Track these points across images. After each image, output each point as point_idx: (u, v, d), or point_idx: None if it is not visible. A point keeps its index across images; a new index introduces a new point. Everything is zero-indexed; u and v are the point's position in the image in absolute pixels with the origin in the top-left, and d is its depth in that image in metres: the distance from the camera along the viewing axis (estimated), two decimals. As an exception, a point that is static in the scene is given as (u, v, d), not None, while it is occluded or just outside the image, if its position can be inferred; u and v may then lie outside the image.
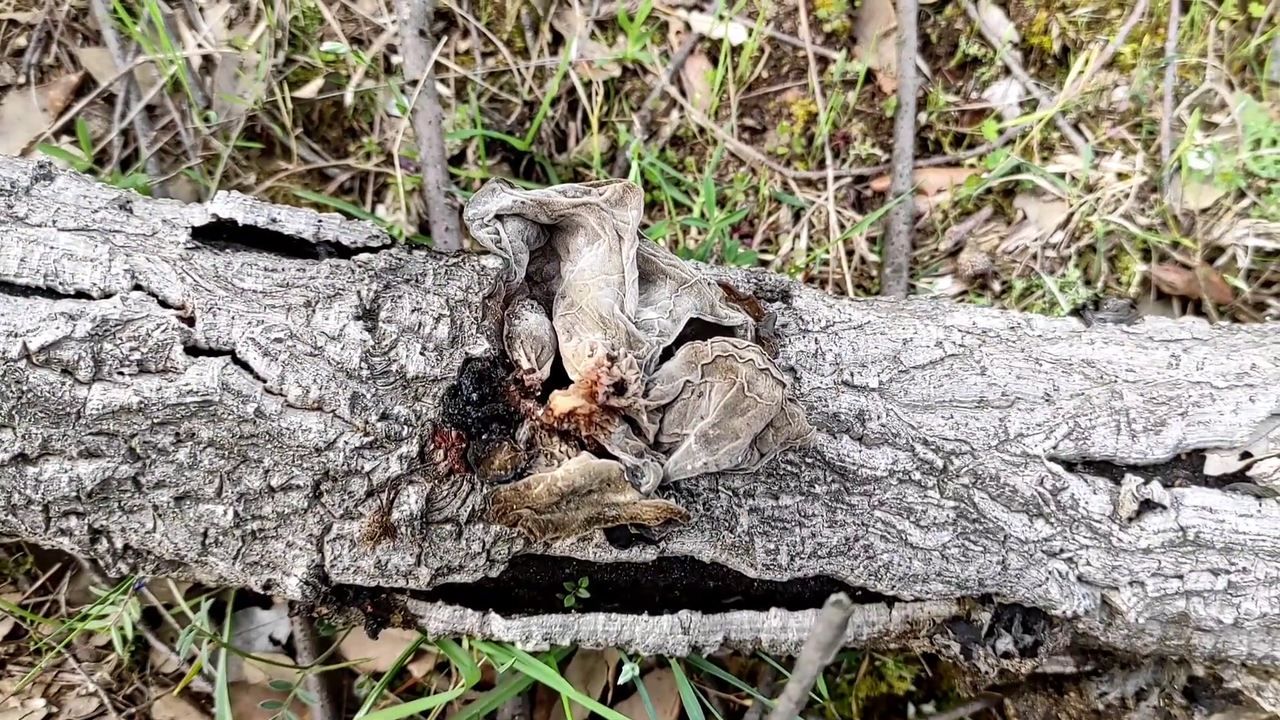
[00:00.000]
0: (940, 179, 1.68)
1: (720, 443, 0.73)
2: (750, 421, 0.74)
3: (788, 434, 0.77)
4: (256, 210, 0.90)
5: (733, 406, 0.73)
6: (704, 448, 0.72)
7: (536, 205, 0.77)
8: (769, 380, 0.75)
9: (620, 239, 0.77)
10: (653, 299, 0.80)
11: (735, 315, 0.82)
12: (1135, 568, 0.93)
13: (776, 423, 0.76)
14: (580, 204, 0.77)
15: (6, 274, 0.83)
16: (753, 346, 0.76)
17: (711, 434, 0.72)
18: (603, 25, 1.76)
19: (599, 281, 0.76)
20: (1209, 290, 1.57)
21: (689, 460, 0.71)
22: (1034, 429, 0.92)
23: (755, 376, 0.74)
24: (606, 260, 0.77)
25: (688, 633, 0.93)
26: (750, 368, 0.74)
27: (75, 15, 1.68)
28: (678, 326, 0.79)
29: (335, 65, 1.68)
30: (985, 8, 1.73)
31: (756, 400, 0.74)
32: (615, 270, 0.77)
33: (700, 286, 0.80)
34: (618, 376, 0.73)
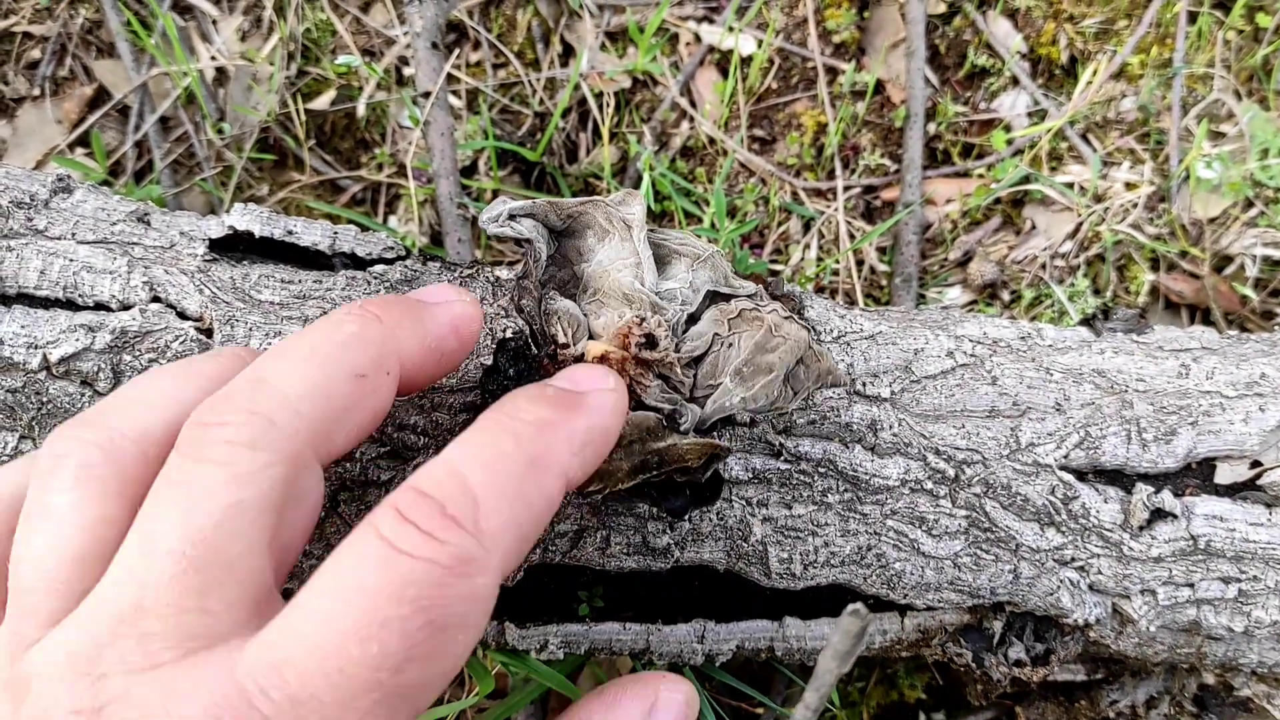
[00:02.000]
0: (949, 189, 1.69)
1: (755, 378, 0.74)
2: (781, 355, 0.75)
3: (818, 370, 0.78)
4: (273, 222, 0.91)
5: (762, 345, 0.75)
6: (739, 384, 0.73)
7: (548, 205, 0.78)
8: (794, 324, 0.76)
9: (630, 228, 0.79)
10: (671, 273, 0.81)
11: (748, 285, 0.83)
12: (1146, 576, 0.93)
13: (806, 359, 0.77)
14: (587, 201, 0.79)
15: (27, 286, 0.84)
16: (774, 308, 0.78)
17: (745, 371, 0.73)
18: (613, 37, 1.77)
19: (617, 266, 0.77)
20: (1217, 299, 1.58)
21: (725, 398, 0.72)
22: (1045, 438, 0.92)
23: (780, 321, 0.76)
24: (620, 248, 0.78)
25: (703, 641, 0.94)
26: (775, 315, 0.76)
27: (89, 28, 1.69)
28: (698, 296, 0.79)
29: (348, 77, 1.69)
30: (993, 19, 1.73)
31: (784, 339, 0.75)
32: (630, 254, 0.78)
33: (714, 259, 0.81)
34: (648, 329, 0.74)
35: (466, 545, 0.50)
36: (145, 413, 0.60)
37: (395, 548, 0.48)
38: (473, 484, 0.53)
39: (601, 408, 0.64)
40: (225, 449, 0.53)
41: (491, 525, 0.51)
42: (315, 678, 0.45)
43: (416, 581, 0.47)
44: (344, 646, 0.46)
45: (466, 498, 0.52)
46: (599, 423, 0.63)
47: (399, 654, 0.46)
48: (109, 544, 0.54)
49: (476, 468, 0.54)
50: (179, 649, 0.47)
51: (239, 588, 0.50)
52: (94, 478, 0.56)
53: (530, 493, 0.55)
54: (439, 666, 0.48)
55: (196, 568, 0.49)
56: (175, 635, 0.48)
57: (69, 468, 0.56)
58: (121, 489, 0.56)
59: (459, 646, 0.49)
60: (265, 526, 0.52)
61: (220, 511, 0.51)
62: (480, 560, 0.50)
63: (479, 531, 0.51)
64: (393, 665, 0.46)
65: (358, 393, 0.60)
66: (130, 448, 0.58)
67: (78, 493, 0.56)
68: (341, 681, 0.45)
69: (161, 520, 0.52)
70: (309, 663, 0.46)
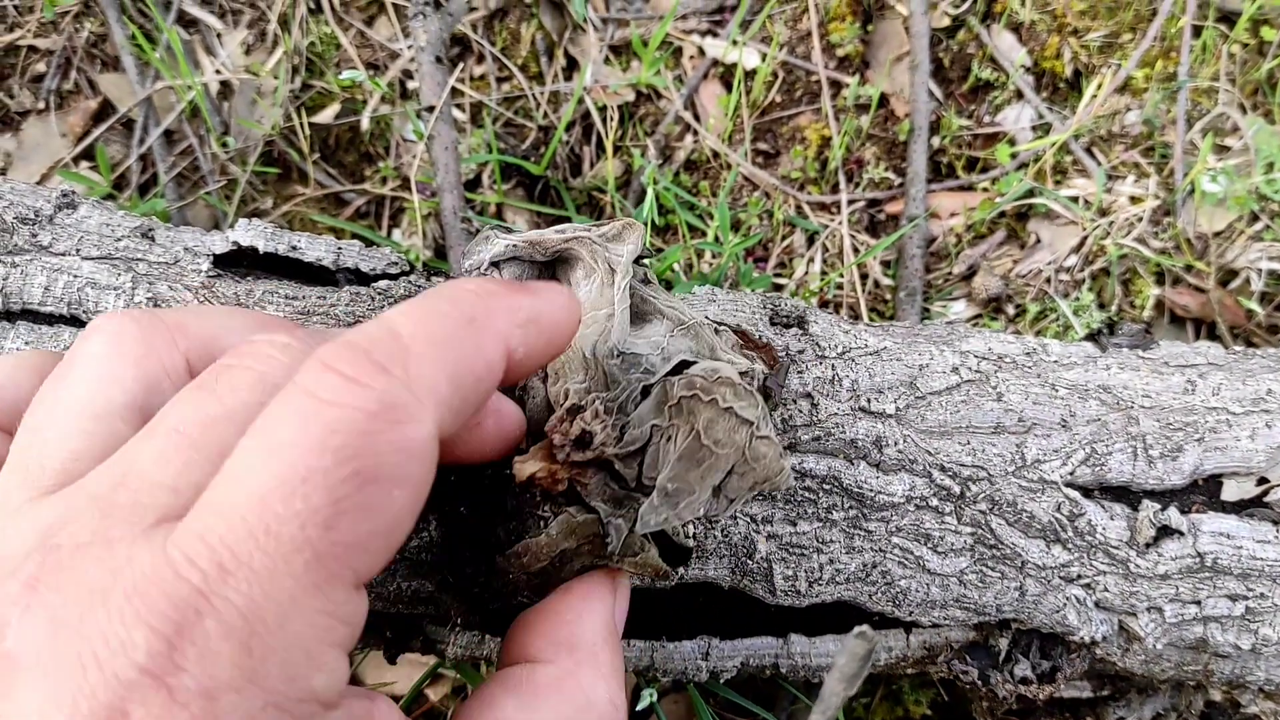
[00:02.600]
0: (954, 202, 1.69)
1: (679, 496, 0.67)
2: (705, 473, 0.68)
3: (753, 479, 0.71)
4: (277, 238, 0.91)
5: (689, 456, 0.68)
6: (664, 501, 0.67)
7: (530, 245, 0.75)
8: (730, 422, 0.69)
9: (613, 272, 0.75)
10: (646, 333, 0.77)
11: (740, 362, 0.77)
12: (1153, 593, 0.93)
13: (738, 469, 0.70)
14: (572, 239, 0.75)
15: (31, 303, 0.84)
16: (725, 380, 0.70)
17: (669, 488, 0.67)
18: (616, 50, 1.77)
19: (589, 318, 0.74)
20: (1223, 313, 1.57)
21: (652, 514, 0.66)
22: (1051, 455, 0.92)
23: (715, 420, 0.68)
24: (599, 295, 0.74)
25: (707, 658, 0.93)
26: (712, 409, 0.68)
27: (94, 41, 1.70)
28: (667, 365, 0.74)
29: (352, 90, 1.69)
30: (998, 32, 1.74)
31: (712, 450, 0.68)
32: (606, 304, 0.74)
33: (699, 330, 0.77)
34: (579, 430, 0.70)
35: (394, 390, 0.47)
36: (194, 317, 0.60)
37: (317, 397, 0.46)
38: (403, 334, 0.50)
39: (551, 299, 0.62)
40: (264, 357, 0.52)
41: (423, 372, 0.49)
42: (243, 542, 0.43)
43: (340, 430, 0.45)
44: (268, 505, 0.43)
45: (395, 344, 0.49)
46: (546, 309, 0.60)
47: (326, 508, 0.44)
48: (119, 411, 0.53)
49: (408, 321, 0.51)
50: (134, 525, 0.45)
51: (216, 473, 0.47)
52: (122, 346, 0.55)
53: (467, 347, 0.53)
54: (372, 523, 0.45)
55: (189, 445, 0.48)
56: (138, 510, 0.46)
57: (101, 334, 0.56)
58: (144, 363, 0.55)
59: (394, 502, 0.46)
60: None
61: (238, 404, 0.50)
62: (410, 407, 0.47)
63: (408, 377, 0.48)
64: (321, 520, 0.43)
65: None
66: (166, 334, 0.57)
67: (100, 354, 0.55)
68: (269, 544, 0.43)
69: (179, 404, 0.50)
70: (235, 527, 0.43)
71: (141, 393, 0.54)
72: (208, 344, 0.58)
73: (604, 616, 0.67)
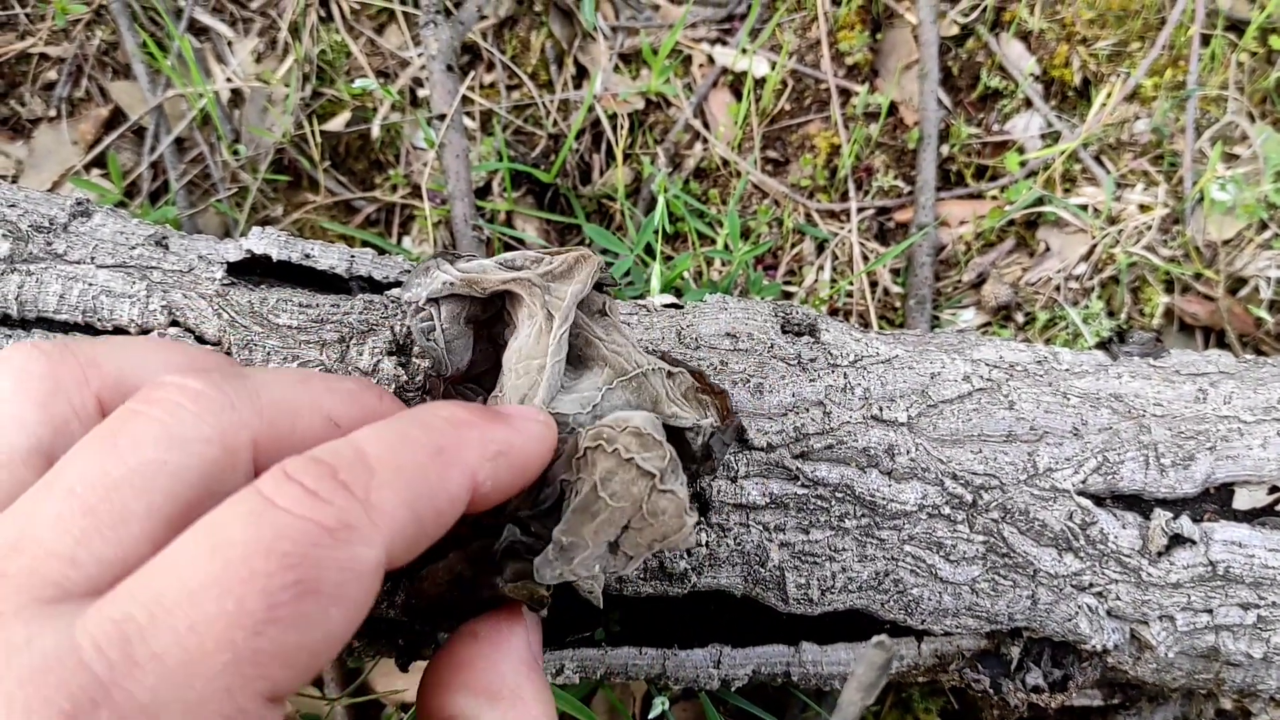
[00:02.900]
0: (963, 211, 1.69)
1: (573, 550, 0.65)
2: (600, 529, 0.65)
3: (651, 536, 0.67)
4: (290, 246, 0.91)
5: (584, 509, 0.66)
6: (559, 555, 0.64)
7: (467, 284, 0.72)
8: (628, 475, 0.66)
9: (551, 318, 0.71)
10: (579, 388, 0.74)
11: (685, 416, 0.74)
12: (1165, 602, 0.93)
13: (634, 524, 0.67)
14: (511, 280, 0.72)
15: (46, 310, 0.84)
16: (632, 430, 0.68)
17: (564, 541, 0.65)
18: (626, 59, 1.77)
19: (522, 367, 0.71)
20: (1232, 322, 1.57)
21: (547, 568, 0.64)
22: (1063, 463, 0.92)
23: (613, 471, 0.66)
24: (535, 343, 0.71)
25: (719, 666, 0.93)
26: (613, 460, 0.66)
27: (105, 49, 1.70)
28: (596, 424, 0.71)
29: (362, 98, 1.70)
30: (1006, 41, 1.74)
31: (607, 503, 0.65)
32: (540, 354, 0.71)
33: (643, 380, 0.74)
34: None
35: (352, 510, 0.47)
36: (109, 351, 0.57)
37: (273, 503, 0.45)
38: (370, 456, 0.50)
39: (523, 429, 0.62)
40: (173, 406, 0.50)
41: (384, 499, 0.49)
42: (161, 634, 0.41)
43: (290, 537, 0.44)
44: (198, 600, 0.42)
45: (361, 467, 0.49)
46: (518, 441, 0.61)
47: (258, 613, 0.42)
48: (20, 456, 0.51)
49: (378, 444, 0.51)
50: (27, 596, 0.43)
51: (119, 548, 0.45)
52: (27, 384, 0.53)
53: (432, 479, 0.53)
54: (301, 636, 0.44)
55: (85, 509, 0.46)
56: (32, 580, 0.43)
57: (7, 369, 0.53)
58: (50, 404, 0.53)
59: (330, 622, 0.45)
60: (176, 499, 0.48)
61: (137, 463, 0.48)
62: (365, 530, 0.47)
63: (368, 502, 0.48)
64: (250, 624, 0.42)
65: (324, 433, 0.57)
66: (76, 372, 0.55)
67: (2, 394, 0.52)
68: (190, 640, 0.41)
69: (77, 459, 0.48)
70: (157, 618, 0.42)
71: (48, 435, 0.52)
72: (122, 380, 0.56)
73: (518, 653, 0.65)
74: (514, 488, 0.61)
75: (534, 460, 0.62)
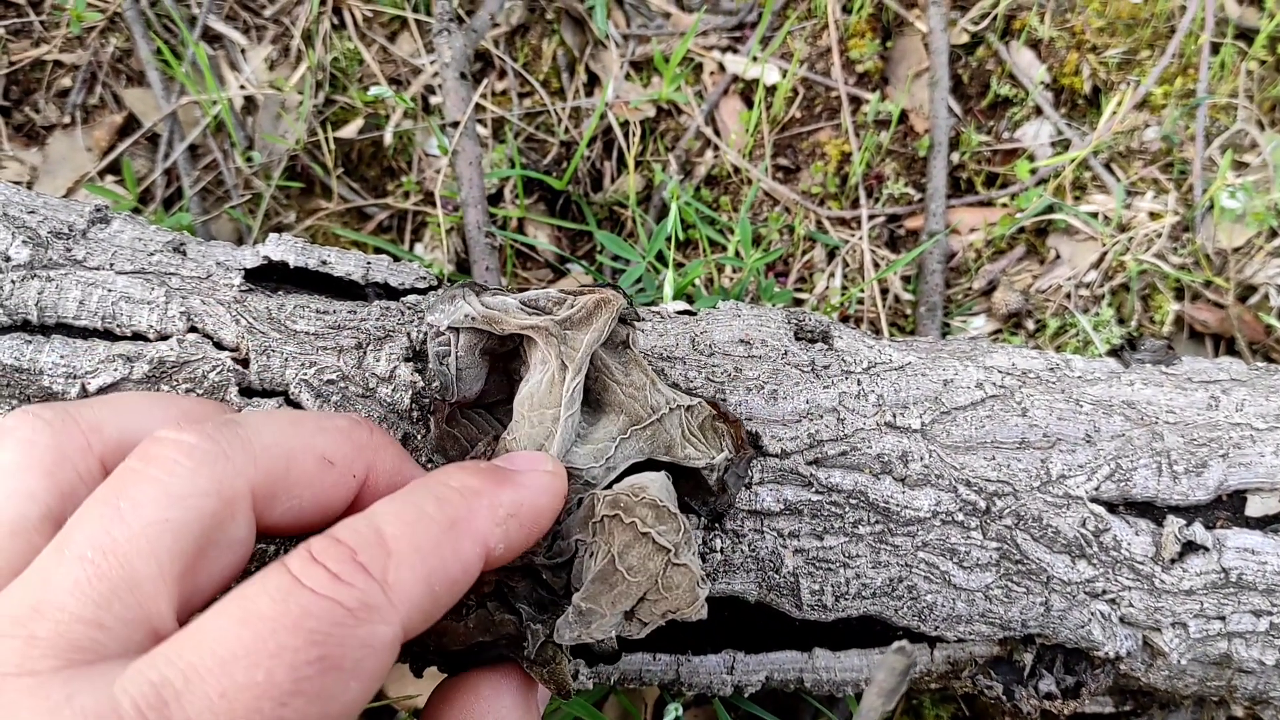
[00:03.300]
0: (973, 218, 1.69)
1: (591, 616, 0.69)
2: (617, 599, 0.70)
3: (664, 607, 0.72)
4: (307, 253, 0.92)
5: (603, 579, 0.70)
6: (578, 620, 0.68)
7: (487, 321, 0.74)
8: (645, 549, 0.70)
9: (565, 369, 0.73)
10: (594, 437, 0.76)
11: (699, 457, 0.78)
12: (1178, 609, 0.93)
13: (649, 596, 0.71)
14: (528, 326, 0.74)
15: (66, 316, 0.84)
16: (648, 502, 0.72)
17: (583, 607, 0.69)
18: (637, 66, 1.78)
19: (535, 416, 0.73)
20: (1242, 329, 1.58)
21: (567, 630, 0.68)
22: (1076, 470, 0.92)
23: (631, 544, 0.70)
24: (548, 392, 0.73)
25: (732, 672, 0.94)
26: (630, 533, 0.70)
27: (120, 57, 1.71)
28: (610, 474, 0.75)
29: (375, 105, 1.70)
30: (1017, 49, 1.74)
31: (624, 576, 0.70)
32: (554, 404, 0.73)
33: (658, 428, 0.76)
34: None
35: (372, 592, 0.51)
36: (109, 414, 0.60)
37: (300, 582, 0.49)
38: (388, 537, 0.54)
39: (533, 485, 0.66)
40: (169, 463, 0.53)
41: (401, 579, 0.53)
42: (196, 698, 0.45)
43: (316, 616, 0.48)
44: (230, 670, 0.45)
45: (380, 549, 0.53)
46: (528, 499, 0.64)
47: (285, 685, 0.46)
48: (33, 525, 0.54)
49: (394, 523, 0.55)
50: (60, 659, 0.46)
51: (140, 609, 0.49)
52: (33, 455, 0.56)
53: (446, 554, 0.56)
54: (323, 709, 0.48)
55: (101, 575, 0.49)
56: (61, 644, 0.47)
57: (13, 440, 0.56)
58: (57, 473, 0.56)
59: (349, 694, 0.49)
60: (182, 555, 0.52)
61: (141, 526, 0.51)
62: (384, 610, 0.51)
63: (386, 582, 0.52)
64: (277, 696, 0.46)
65: (319, 473, 0.61)
66: (79, 439, 0.58)
67: (10, 466, 0.55)
68: (222, 706, 0.45)
69: (83, 524, 0.51)
70: (191, 684, 0.45)
71: (56, 503, 0.55)
72: (124, 441, 0.59)
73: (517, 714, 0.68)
74: (526, 545, 0.65)
75: (544, 515, 0.66)
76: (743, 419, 0.86)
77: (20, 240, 0.87)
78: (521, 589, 0.71)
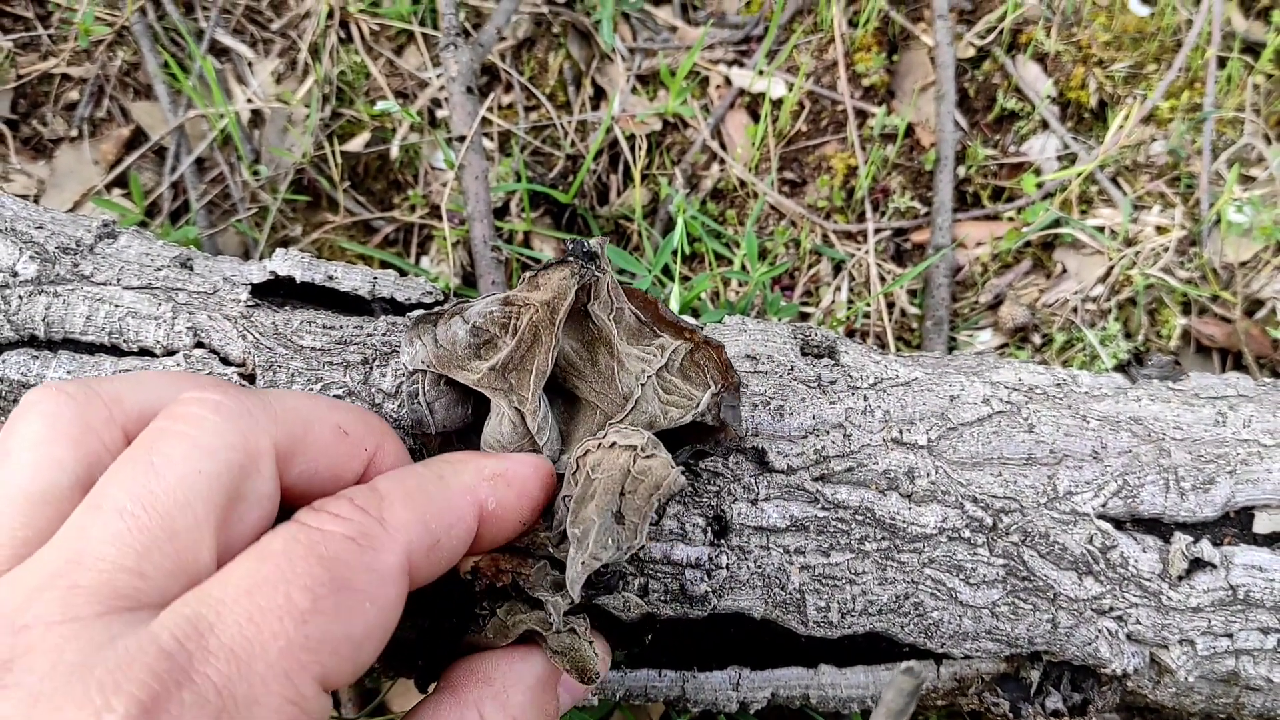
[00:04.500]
0: (980, 232, 1.69)
1: (585, 535, 0.69)
2: (599, 502, 0.70)
3: (645, 492, 0.72)
4: (314, 268, 0.92)
5: (581, 497, 0.71)
6: (577, 548, 0.69)
7: (440, 365, 0.77)
8: (611, 454, 0.73)
9: (520, 414, 0.76)
10: (575, 438, 0.79)
11: (682, 413, 0.78)
12: (1185, 626, 0.93)
13: (627, 488, 0.72)
14: (473, 382, 0.76)
15: (73, 332, 0.85)
16: (618, 429, 0.74)
17: (576, 532, 0.69)
18: (644, 80, 1.78)
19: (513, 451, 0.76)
20: (1249, 343, 1.57)
21: (572, 568, 0.68)
22: (1083, 486, 0.92)
23: (599, 459, 0.73)
24: (513, 431, 0.76)
25: (737, 688, 0.93)
26: (599, 452, 0.73)
27: (127, 70, 1.72)
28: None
29: (381, 119, 1.71)
30: (1023, 63, 1.74)
31: (598, 479, 0.72)
32: (521, 438, 0.76)
33: (635, 413, 0.77)
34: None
35: (370, 525, 0.57)
36: (129, 388, 0.63)
37: (305, 524, 0.55)
38: (381, 489, 0.61)
39: (515, 457, 0.72)
40: (197, 419, 0.57)
41: (396, 514, 0.59)
42: (228, 626, 0.49)
43: (323, 544, 0.54)
44: (254, 597, 0.50)
45: (374, 495, 0.60)
46: (512, 465, 0.70)
47: (304, 604, 0.51)
48: (63, 493, 0.56)
49: (386, 481, 0.63)
50: (103, 604, 0.49)
51: (178, 558, 0.52)
52: (59, 427, 0.58)
53: (436, 497, 0.63)
54: (342, 627, 0.53)
55: (141, 527, 0.52)
56: (105, 591, 0.49)
57: (37, 413, 0.59)
58: (84, 442, 0.58)
59: (365, 613, 0.54)
60: (216, 506, 0.55)
61: (175, 478, 0.54)
62: (383, 539, 0.57)
63: (383, 519, 0.58)
64: (298, 614, 0.50)
65: (334, 440, 0.66)
66: (102, 411, 0.60)
67: (38, 438, 0.58)
68: (250, 630, 0.49)
69: (117, 479, 0.54)
70: (222, 614, 0.49)
71: (84, 471, 0.57)
72: (144, 413, 0.61)
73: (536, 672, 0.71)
74: (520, 507, 0.70)
75: (530, 481, 0.71)
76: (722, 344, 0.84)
77: (28, 256, 0.87)
78: (535, 576, 0.72)
